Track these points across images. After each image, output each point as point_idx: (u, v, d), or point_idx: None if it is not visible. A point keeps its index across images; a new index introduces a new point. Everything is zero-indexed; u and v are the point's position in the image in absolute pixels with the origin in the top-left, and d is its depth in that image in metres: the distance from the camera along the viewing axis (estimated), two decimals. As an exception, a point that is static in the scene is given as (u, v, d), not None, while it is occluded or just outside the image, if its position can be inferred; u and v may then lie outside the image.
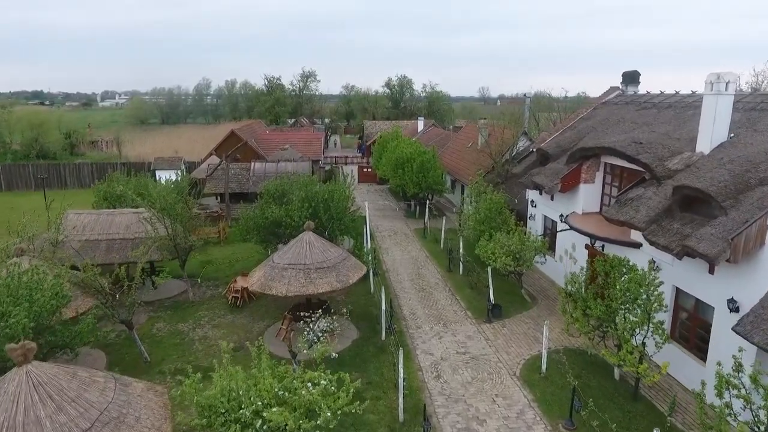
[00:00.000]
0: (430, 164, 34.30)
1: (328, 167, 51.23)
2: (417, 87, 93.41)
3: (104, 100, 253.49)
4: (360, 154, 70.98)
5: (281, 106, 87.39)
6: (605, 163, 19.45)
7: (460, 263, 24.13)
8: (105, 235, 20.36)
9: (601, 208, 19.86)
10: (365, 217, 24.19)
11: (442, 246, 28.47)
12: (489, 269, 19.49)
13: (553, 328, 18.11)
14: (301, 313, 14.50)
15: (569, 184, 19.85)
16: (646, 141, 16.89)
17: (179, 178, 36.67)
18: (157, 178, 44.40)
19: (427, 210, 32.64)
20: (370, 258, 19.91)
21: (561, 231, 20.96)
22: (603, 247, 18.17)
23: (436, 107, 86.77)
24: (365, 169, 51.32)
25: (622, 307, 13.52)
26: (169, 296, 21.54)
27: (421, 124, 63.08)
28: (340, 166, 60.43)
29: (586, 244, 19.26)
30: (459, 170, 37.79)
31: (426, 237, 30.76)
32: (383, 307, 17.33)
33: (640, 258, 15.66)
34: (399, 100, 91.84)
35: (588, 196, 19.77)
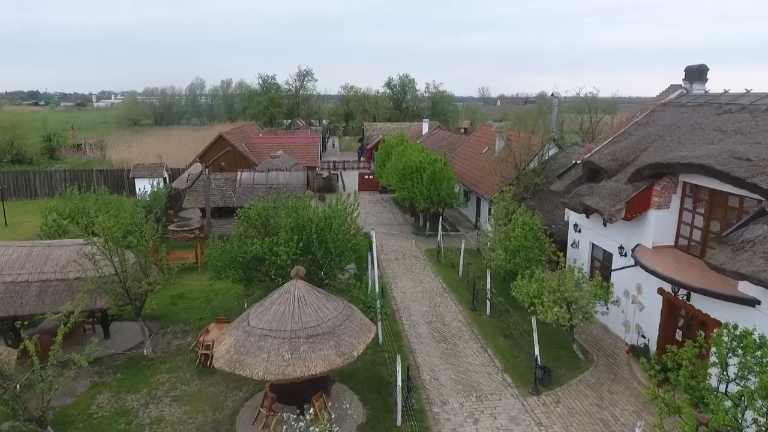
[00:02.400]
0: (442, 174, 29.83)
1: (325, 174, 46.70)
2: (419, 87, 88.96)
3: (100, 101, 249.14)
4: (358, 159, 66.41)
5: (276, 106, 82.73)
6: (684, 184, 14.99)
7: (487, 301, 19.67)
8: (38, 275, 15.84)
9: (677, 241, 15.38)
10: (371, 244, 19.64)
11: (460, 274, 24.00)
12: (534, 320, 14.99)
13: (623, 402, 13.66)
14: (288, 416, 10.08)
15: (636, 210, 15.39)
16: (755, 156, 12.43)
17: (155, 189, 32.32)
18: (137, 188, 40.20)
19: (440, 227, 28.15)
20: (379, 306, 15.39)
21: (623, 269, 16.48)
22: (689, 296, 13.72)
23: (440, 108, 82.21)
24: (367, 176, 46.82)
25: (763, 410, 9.04)
26: (124, 350, 17.02)
27: (425, 126, 58.65)
28: (339, 172, 55.91)
29: (660, 288, 14.81)
30: (474, 180, 33.31)
31: (440, 261, 26.27)
32: (399, 381, 12.82)
33: (754, 319, 11.26)
34: (401, 101, 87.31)
35: (661, 226, 15.30)
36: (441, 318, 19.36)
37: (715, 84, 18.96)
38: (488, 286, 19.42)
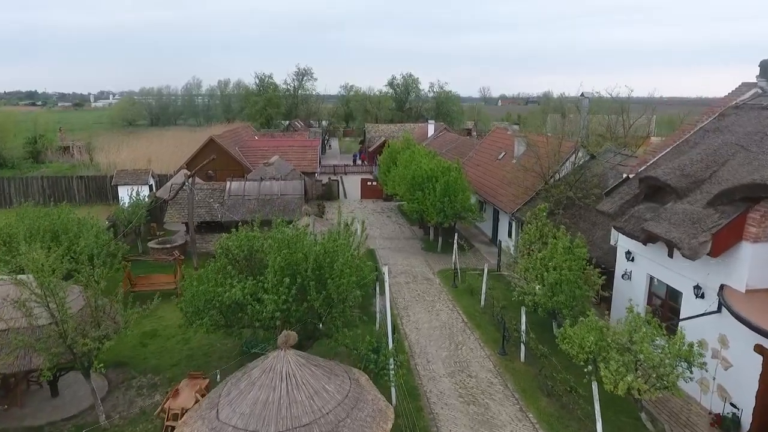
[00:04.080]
0: (456, 185, 26.45)
1: (325, 180, 43.30)
2: (423, 86, 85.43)
3: (98, 101, 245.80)
4: (353, 162, 62.99)
5: (274, 107, 79.21)
6: (790, 209, 11.59)
7: (521, 344, 16.27)
8: (-42, 324, 12.42)
9: (777, 283, 11.97)
10: (378, 278, 16.24)
11: (482, 303, 20.61)
12: (594, 388, 11.56)
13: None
14: None
15: (725, 243, 11.99)
16: None
17: (133, 200, 28.93)
18: (120, 197, 36.81)
19: (455, 246, 24.69)
20: (393, 368, 11.96)
21: (702, 315, 13.05)
22: (809, 362, 10.32)
23: (445, 109, 78.77)
24: (369, 183, 43.40)
25: None
26: (74, 414, 13.61)
27: (431, 128, 55.13)
28: (339, 177, 52.55)
29: (759, 346, 11.40)
30: (491, 190, 29.93)
31: (456, 285, 22.86)
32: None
33: None
34: (404, 101, 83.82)
35: (757, 263, 11.89)
36: (466, 366, 15.93)
37: (716, 84, 15.41)
38: (523, 327, 16.00)
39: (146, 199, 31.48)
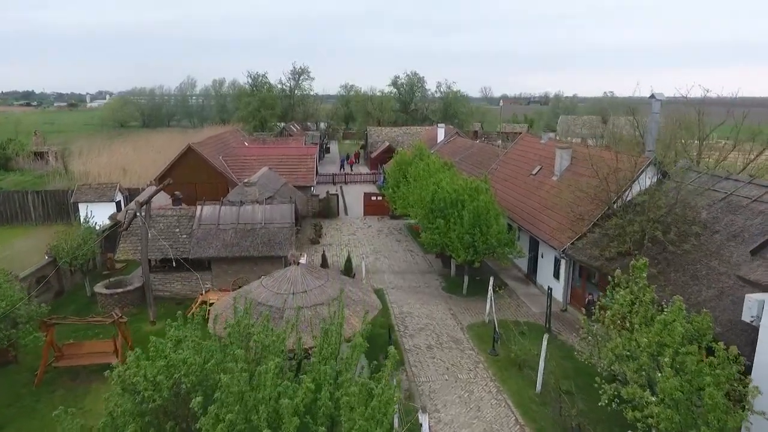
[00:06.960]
0: (489, 211, 20.71)
1: (323, 194, 37.42)
2: (429, 86, 79.62)
3: (94, 101, 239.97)
4: (341, 167, 57.56)
5: (268, 108, 73.22)
6: None
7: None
8: None
9: None
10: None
11: (538, 386, 14.82)
12: None
13: None
14: None
15: None
16: None
17: (83, 228, 23.17)
18: (81, 216, 31.02)
19: (490, 293, 18.94)
20: None
21: None
22: None
23: (453, 110, 72.90)
24: (373, 198, 37.55)
25: None
26: None
27: (441, 133, 49.43)
28: (339, 187, 46.74)
29: None
30: (527, 215, 24.12)
31: (497, 352, 17.07)
32: None
33: None
34: (408, 102, 77.91)
35: None
36: None
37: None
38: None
39: (102, 224, 25.74)
